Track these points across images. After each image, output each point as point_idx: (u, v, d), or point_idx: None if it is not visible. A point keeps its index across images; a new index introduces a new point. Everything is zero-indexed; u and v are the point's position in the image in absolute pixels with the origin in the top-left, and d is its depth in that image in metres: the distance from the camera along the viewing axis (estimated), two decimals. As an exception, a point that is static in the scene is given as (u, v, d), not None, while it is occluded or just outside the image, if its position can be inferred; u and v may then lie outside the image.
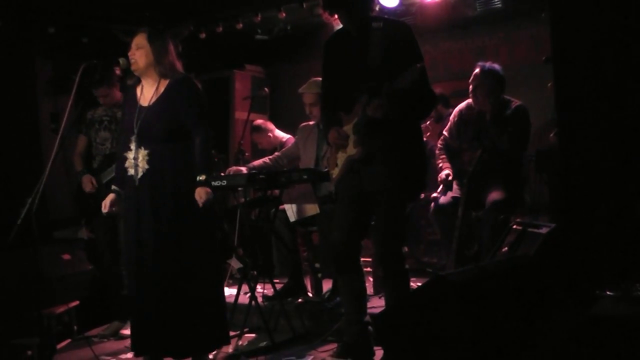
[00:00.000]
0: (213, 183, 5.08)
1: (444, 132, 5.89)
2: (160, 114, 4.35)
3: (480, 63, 5.59)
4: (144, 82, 4.51)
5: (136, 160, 4.37)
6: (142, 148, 4.36)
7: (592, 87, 4.26)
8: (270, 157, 6.29)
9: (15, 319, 5.31)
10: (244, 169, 5.92)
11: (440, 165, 5.78)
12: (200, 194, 4.28)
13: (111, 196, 4.55)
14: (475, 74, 5.52)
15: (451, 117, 5.87)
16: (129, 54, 4.43)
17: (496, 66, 5.55)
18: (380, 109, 3.97)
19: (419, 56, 4.12)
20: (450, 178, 5.62)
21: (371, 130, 4.10)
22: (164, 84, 4.42)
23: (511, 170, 5.48)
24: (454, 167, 5.69)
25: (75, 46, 7.72)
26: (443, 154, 5.83)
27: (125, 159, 4.44)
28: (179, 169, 4.35)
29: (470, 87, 5.56)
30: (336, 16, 4.30)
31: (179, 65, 4.50)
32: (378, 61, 4.07)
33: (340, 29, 4.40)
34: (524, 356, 3.14)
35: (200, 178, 4.29)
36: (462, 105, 5.78)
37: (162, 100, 4.39)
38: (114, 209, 4.57)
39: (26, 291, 5.22)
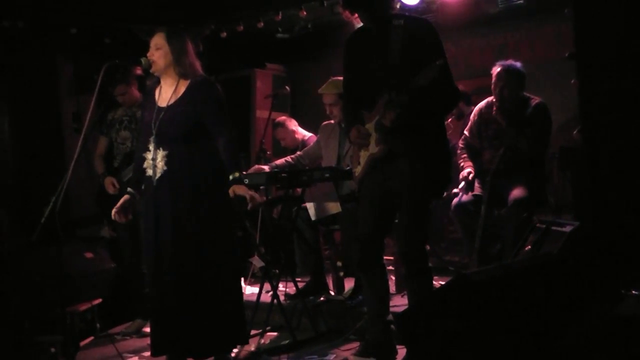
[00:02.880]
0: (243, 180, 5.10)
1: (465, 132, 5.85)
2: (179, 115, 4.35)
3: (500, 62, 5.54)
4: (162, 82, 4.51)
5: (154, 160, 4.38)
6: (161, 149, 4.36)
7: (616, 83, 4.23)
8: (292, 156, 6.29)
9: (39, 317, 5.35)
10: (266, 168, 5.93)
11: (462, 164, 5.74)
12: (237, 191, 4.25)
13: (125, 197, 4.51)
14: (499, 73, 5.47)
15: (471, 117, 5.83)
16: (148, 55, 4.42)
17: (518, 64, 5.51)
18: (395, 119, 3.98)
19: (441, 53, 4.09)
20: (471, 176, 5.58)
21: (393, 128, 4.08)
22: (184, 84, 4.41)
23: (534, 168, 5.44)
24: (475, 166, 5.66)
25: (97, 46, 7.77)
26: (464, 153, 5.78)
27: (144, 159, 4.45)
28: (197, 169, 4.34)
29: (493, 86, 5.52)
30: (356, 15, 4.29)
31: (198, 65, 4.49)
32: (399, 58, 4.06)
33: (361, 26, 4.38)
34: (548, 356, 3.12)
35: (234, 176, 4.27)
36: (482, 104, 5.74)
37: (181, 101, 4.38)
38: (129, 216, 4.55)
39: (50, 289, 5.26)
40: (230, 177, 4.27)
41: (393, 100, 3.99)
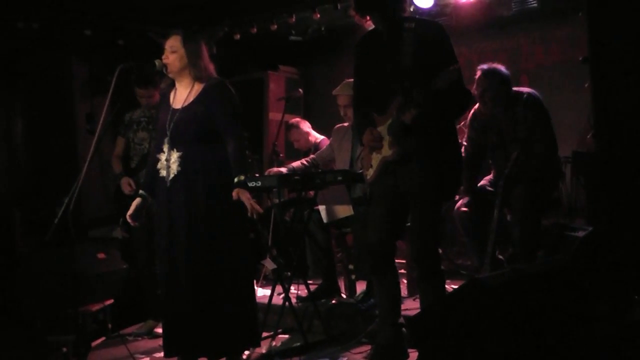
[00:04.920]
0: (247, 184, 5.10)
1: (463, 142, 5.75)
2: (193, 117, 4.35)
3: (480, 66, 5.42)
4: (177, 84, 4.52)
5: (168, 162, 4.38)
6: (175, 150, 4.37)
7: (630, 88, 4.21)
8: (307, 159, 6.29)
9: (51, 317, 5.37)
10: (284, 170, 5.94)
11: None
12: (240, 195, 4.25)
13: (137, 200, 4.53)
14: (478, 78, 5.37)
15: (467, 127, 5.71)
16: (163, 57, 4.43)
17: (498, 66, 5.41)
18: (416, 118, 3.96)
19: (453, 56, 4.10)
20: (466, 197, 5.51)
21: (406, 131, 4.08)
22: (198, 87, 4.42)
23: (546, 172, 5.40)
24: (478, 177, 5.58)
25: (111, 48, 7.80)
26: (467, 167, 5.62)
27: (158, 160, 4.46)
28: (210, 171, 4.35)
29: (475, 92, 5.40)
30: (368, 18, 4.29)
31: (212, 68, 4.50)
32: (410, 62, 4.05)
33: (372, 29, 4.37)
34: (561, 361, 3.11)
35: (239, 179, 4.27)
36: (475, 110, 5.62)
37: (195, 104, 4.39)
38: (142, 219, 4.57)
39: (62, 289, 5.27)
40: (235, 180, 4.27)
41: (414, 98, 3.96)
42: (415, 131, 4.05)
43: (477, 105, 5.62)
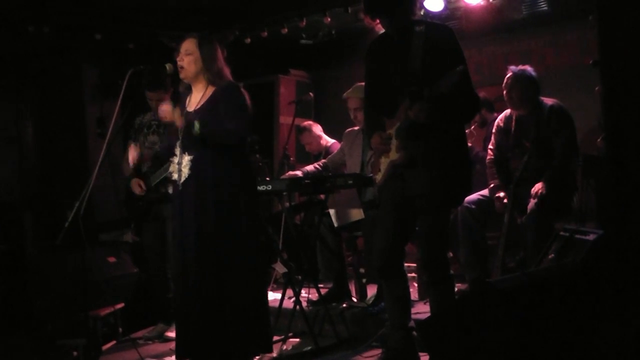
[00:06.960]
0: (258, 187, 5.10)
1: (490, 147, 5.78)
2: (203, 119, 4.36)
3: (511, 67, 5.53)
4: (193, 87, 4.53)
5: (180, 165, 4.40)
6: (186, 154, 4.38)
7: (641, 91, 4.19)
8: (319, 163, 6.31)
9: (62, 320, 5.39)
10: (299, 173, 5.95)
11: (492, 185, 5.59)
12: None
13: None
14: (508, 78, 5.47)
15: (493, 130, 5.76)
16: (177, 60, 4.43)
17: (528, 68, 5.49)
18: (423, 113, 3.94)
19: (462, 59, 4.08)
20: (505, 201, 5.46)
21: (413, 135, 4.07)
22: (211, 90, 4.43)
23: (563, 175, 5.39)
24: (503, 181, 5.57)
25: (122, 52, 7.82)
26: (494, 172, 5.62)
27: (171, 163, 4.47)
28: (222, 174, 4.35)
29: (505, 92, 5.49)
30: (378, 21, 4.29)
31: (227, 71, 4.50)
32: (420, 65, 4.04)
33: (383, 32, 4.37)
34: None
35: (197, 124, 4.26)
36: (501, 115, 5.69)
37: (207, 107, 4.39)
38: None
39: (73, 293, 5.29)
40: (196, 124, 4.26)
41: (425, 95, 3.94)
42: (422, 134, 4.04)
43: (503, 113, 5.69)
